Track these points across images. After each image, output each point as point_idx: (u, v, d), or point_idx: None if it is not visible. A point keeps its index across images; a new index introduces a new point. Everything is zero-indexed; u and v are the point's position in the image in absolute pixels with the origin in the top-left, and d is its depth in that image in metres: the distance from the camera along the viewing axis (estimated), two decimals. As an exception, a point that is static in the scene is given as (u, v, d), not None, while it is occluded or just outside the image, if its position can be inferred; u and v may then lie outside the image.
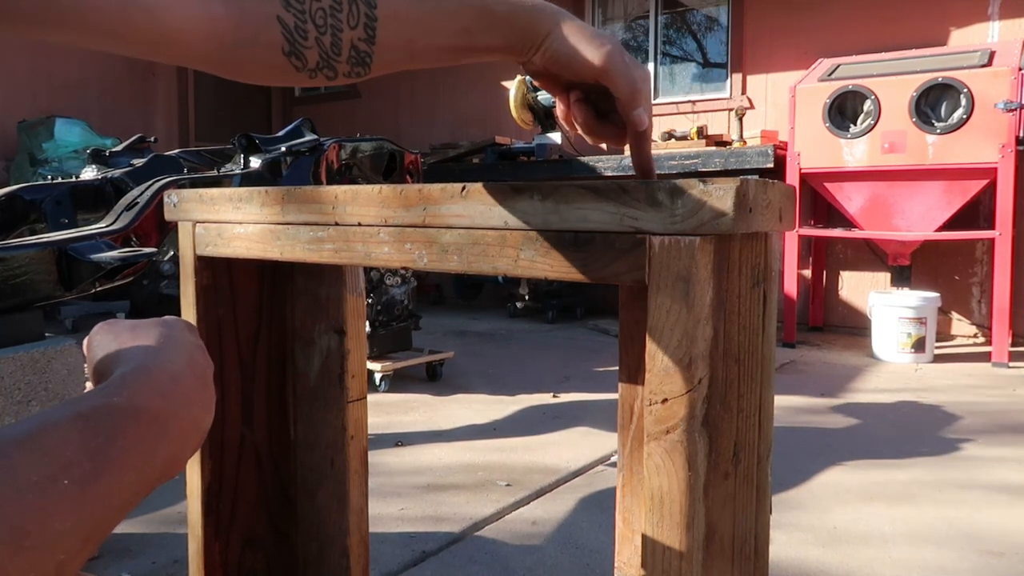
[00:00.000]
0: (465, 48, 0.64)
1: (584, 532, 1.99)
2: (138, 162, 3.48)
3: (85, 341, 0.50)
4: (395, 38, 0.60)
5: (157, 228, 2.57)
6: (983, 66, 4.06)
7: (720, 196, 0.55)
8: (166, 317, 0.53)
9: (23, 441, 0.33)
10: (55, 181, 2.97)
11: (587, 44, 0.64)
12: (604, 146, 4.95)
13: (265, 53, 0.56)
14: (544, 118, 0.86)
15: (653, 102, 6.01)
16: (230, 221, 0.91)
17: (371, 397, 3.29)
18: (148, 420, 0.39)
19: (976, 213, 4.57)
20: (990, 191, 4.19)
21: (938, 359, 4.24)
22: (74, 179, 3.15)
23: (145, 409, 0.40)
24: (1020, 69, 3.95)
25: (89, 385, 0.47)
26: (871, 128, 4.25)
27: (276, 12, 0.55)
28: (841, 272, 5.25)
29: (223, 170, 3.52)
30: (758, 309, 0.64)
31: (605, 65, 0.64)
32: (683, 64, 6.11)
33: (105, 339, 0.49)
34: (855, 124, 4.37)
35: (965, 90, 4.00)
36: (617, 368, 0.76)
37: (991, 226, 4.13)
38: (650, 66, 6.13)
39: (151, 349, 0.46)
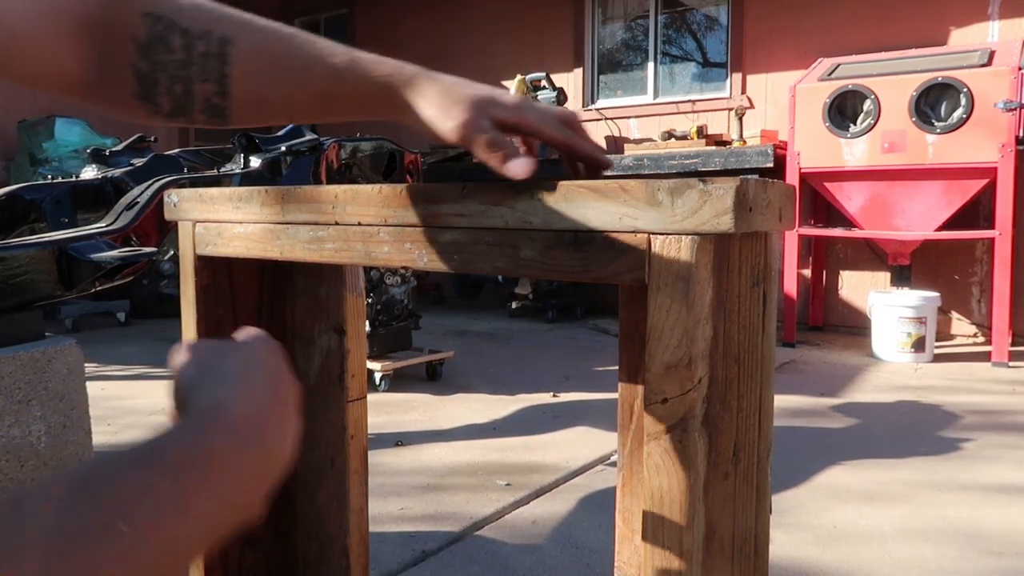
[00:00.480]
0: (325, 109, 0.67)
1: (584, 532, 1.99)
2: (138, 162, 3.48)
3: (173, 364, 0.48)
4: (248, 96, 0.64)
5: (157, 228, 2.57)
6: (983, 66, 4.06)
7: (720, 196, 0.55)
8: (248, 338, 0.49)
9: (78, 485, 0.32)
10: (55, 181, 2.97)
11: (443, 115, 0.64)
12: (604, 144, 5.01)
13: (119, 95, 0.62)
14: None
15: (653, 101, 6.04)
16: (230, 221, 0.91)
17: (371, 397, 3.28)
18: (217, 462, 0.37)
19: (976, 213, 4.57)
20: (990, 191, 4.19)
21: (938, 359, 4.24)
22: (74, 179, 3.16)
23: (215, 449, 0.38)
24: (1020, 69, 3.95)
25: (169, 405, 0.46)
26: (871, 128, 4.25)
27: (131, 61, 0.61)
28: (841, 272, 5.25)
29: (223, 170, 3.52)
30: (758, 309, 0.64)
31: (461, 139, 0.64)
32: (683, 64, 6.11)
33: (189, 364, 0.47)
34: (855, 124, 4.37)
35: (965, 90, 3.99)
36: (617, 368, 0.76)
37: (991, 226, 4.13)
38: (650, 66, 6.13)
39: (229, 382, 0.43)
